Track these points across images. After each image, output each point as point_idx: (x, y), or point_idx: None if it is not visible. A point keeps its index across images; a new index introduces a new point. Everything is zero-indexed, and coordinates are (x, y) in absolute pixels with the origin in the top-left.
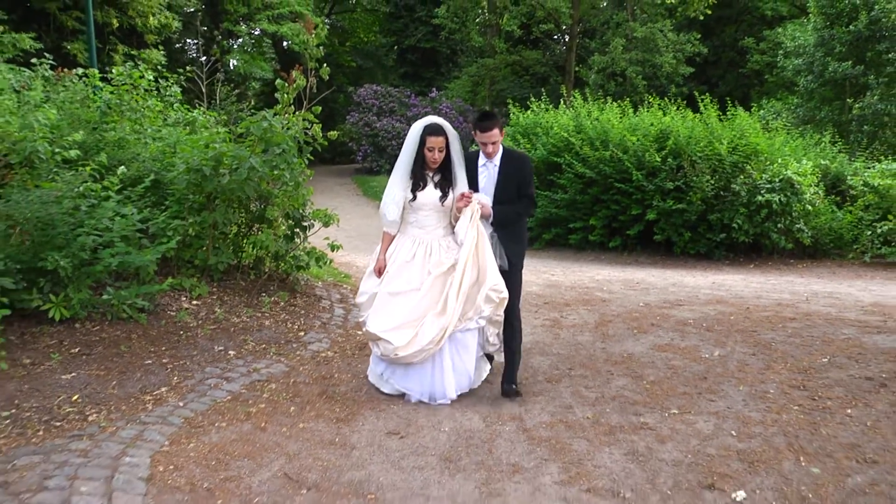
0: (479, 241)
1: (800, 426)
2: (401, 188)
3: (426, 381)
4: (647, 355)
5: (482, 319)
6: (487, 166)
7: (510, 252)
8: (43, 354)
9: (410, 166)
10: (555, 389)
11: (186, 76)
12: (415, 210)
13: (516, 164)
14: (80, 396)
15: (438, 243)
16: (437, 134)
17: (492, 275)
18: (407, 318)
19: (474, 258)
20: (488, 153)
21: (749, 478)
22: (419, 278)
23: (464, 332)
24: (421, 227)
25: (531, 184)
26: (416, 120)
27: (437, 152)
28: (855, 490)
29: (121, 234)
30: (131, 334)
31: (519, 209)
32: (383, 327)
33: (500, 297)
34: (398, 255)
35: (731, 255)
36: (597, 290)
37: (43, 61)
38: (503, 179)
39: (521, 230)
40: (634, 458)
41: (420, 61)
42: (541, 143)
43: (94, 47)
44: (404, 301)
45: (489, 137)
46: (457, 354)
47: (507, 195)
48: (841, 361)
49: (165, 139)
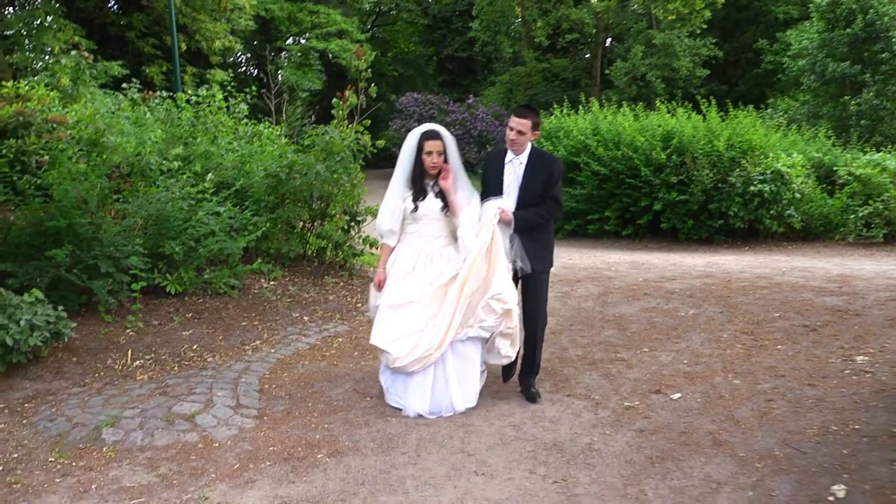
0: (491, 246)
1: (736, 356)
2: (398, 197)
3: (425, 394)
4: (634, 315)
5: (483, 329)
6: (514, 163)
7: (532, 257)
8: (166, 318)
9: (409, 175)
10: (556, 338)
11: (253, 95)
12: (415, 220)
13: (544, 165)
14: (198, 346)
15: (439, 253)
16: (435, 138)
17: (497, 283)
18: (407, 330)
19: (483, 263)
20: (511, 140)
21: (687, 386)
22: (419, 290)
23: (465, 342)
24: (421, 237)
25: (557, 187)
26: (455, 125)
27: (435, 156)
28: (760, 392)
29: (217, 228)
30: (227, 305)
31: (541, 212)
32: (385, 339)
33: (503, 307)
34: (398, 267)
35: (729, 240)
36: (606, 269)
37: (132, 86)
38: (528, 179)
39: (546, 235)
40: (607, 377)
41: (457, 70)
42: (562, 145)
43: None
44: (405, 313)
45: (518, 124)
46: (460, 367)
47: (531, 196)
48: (789, 315)
49: (238, 151)
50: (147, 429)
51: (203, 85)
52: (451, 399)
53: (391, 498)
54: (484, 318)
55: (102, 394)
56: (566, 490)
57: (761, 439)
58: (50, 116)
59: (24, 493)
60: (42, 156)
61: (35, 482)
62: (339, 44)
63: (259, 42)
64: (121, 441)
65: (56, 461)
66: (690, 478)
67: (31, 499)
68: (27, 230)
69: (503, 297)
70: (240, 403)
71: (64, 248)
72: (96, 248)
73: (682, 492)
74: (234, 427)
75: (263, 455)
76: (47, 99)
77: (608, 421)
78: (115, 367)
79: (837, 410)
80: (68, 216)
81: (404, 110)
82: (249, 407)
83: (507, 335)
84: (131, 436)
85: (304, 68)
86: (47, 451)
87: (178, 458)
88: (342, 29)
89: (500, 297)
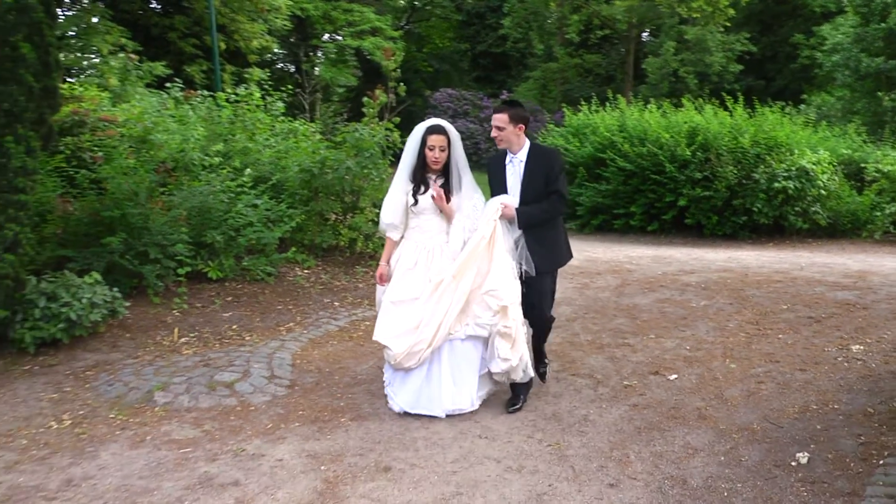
0: (492, 241)
1: (738, 344)
2: (401, 191)
3: (415, 391)
4: (647, 305)
5: (479, 326)
6: (513, 162)
7: (537, 258)
8: (208, 300)
9: (411, 169)
10: (569, 325)
11: (289, 94)
12: (416, 214)
13: (543, 160)
14: (237, 326)
15: (441, 249)
16: (439, 133)
17: (493, 279)
18: (408, 327)
19: (484, 258)
20: (494, 137)
21: (684, 369)
22: (421, 286)
23: (464, 342)
24: (423, 232)
25: (559, 179)
26: (488, 121)
27: (437, 151)
28: (752, 375)
29: (255, 219)
30: (264, 290)
31: (545, 207)
32: (386, 335)
33: (499, 304)
34: (401, 263)
35: (753, 236)
36: (627, 263)
37: (174, 85)
38: (529, 176)
39: (553, 234)
40: (611, 359)
41: (492, 65)
42: (588, 141)
43: (218, 73)
44: (405, 310)
45: (496, 119)
46: (456, 366)
47: (534, 193)
48: (797, 308)
49: (275, 147)
50: (192, 393)
51: (241, 83)
52: (440, 398)
53: (402, 454)
54: (479, 314)
55: (153, 364)
56: (558, 452)
57: (743, 415)
58: (102, 115)
59: (91, 442)
60: (96, 152)
61: (99, 433)
62: (373, 41)
63: (296, 40)
64: (170, 402)
65: (116, 417)
66: (671, 445)
67: (97, 446)
68: (84, 220)
69: (498, 294)
70: (274, 375)
71: (117, 236)
72: (146, 237)
73: (661, 456)
74: (268, 394)
75: (293, 417)
76: (98, 99)
77: (606, 397)
78: (163, 342)
79: (821, 392)
80: (121, 207)
81: (438, 106)
82: (282, 378)
83: (506, 335)
84: (179, 398)
85: (339, 65)
86: (108, 410)
87: (220, 418)
88: (376, 26)
89: (494, 294)
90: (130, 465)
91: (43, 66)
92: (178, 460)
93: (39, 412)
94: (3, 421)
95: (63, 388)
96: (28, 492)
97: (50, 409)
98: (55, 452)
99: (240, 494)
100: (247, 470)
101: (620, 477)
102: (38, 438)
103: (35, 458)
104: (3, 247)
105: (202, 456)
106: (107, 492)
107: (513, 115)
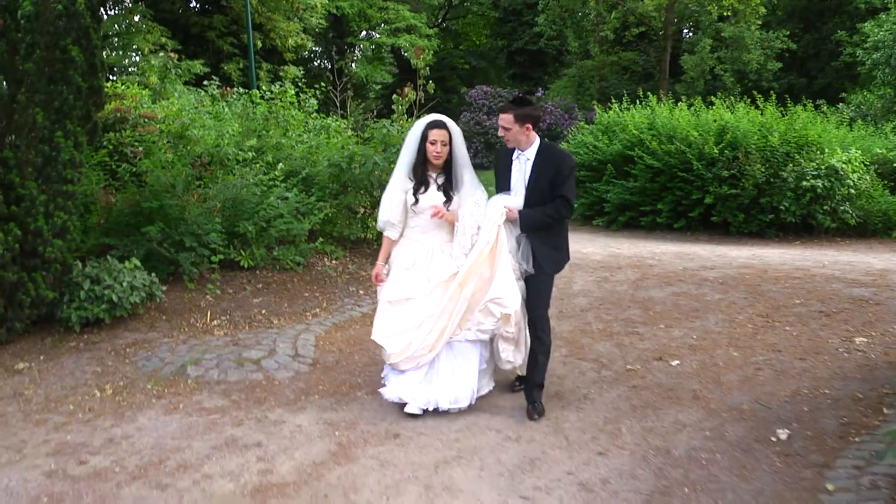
0: (495, 246)
1: (744, 334)
2: (400, 189)
3: (413, 386)
4: (662, 298)
5: (482, 332)
6: (520, 159)
7: (540, 256)
8: (239, 287)
9: (411, 165)
10: (583, 315)
11: (322, 91)
12: (416, 213)
13: (552, 161)
14: (266, 311)
15: (441, 249)
16: (441, 128)
17: (497, 286)
18: (404, 327)
19: (486, 264)
20: (502, 137)
21: (687, 356)
22: (418, 286)
23: (463, 342)
24: (423, 231)
25: (567, 184)
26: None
27: (439, 145)
28: (752, 362)
29: (285, 211)
30: (293, 279)
31: (549, 211)
32: (382, 334)
33: (502, 311)
34: (398, 262)
35: (780, 234)
36: (650, 258)
37: (212, 83)
38: (535, 176)
39: (556, 236)
40: (618, 346)
41: (528, 62)
42: (618, 139)
43: (254, 71)
44: (402, 309)
45: (501, 119)
46: (456, 363)
47: (538, 194)
48: (810, 303)
49: (307, 142)
50: (222, 368)
51: (276, 81)
52: (437, 396)
53: (411, 423)
54: (482, 321)
55: (187, 343)
56: (556, 424)
57: (736, 397)
58: (142, 112)
59: (129, 408)
60: (137, 147)
61: (137, 402)
62: (408, 39)
63: (332, 37)
64: (201, 376)
65: (152, 388)
66: (662, 421)
67: (135, 412)
68: (126, 211)
69: (503, 301)
70: (298, 353)
71: (156, 225)
72: (182, 226)
73: (651, 430)
74: (291, 371)
75: (314, 391)
76: (139, 96)
77: (608, 379)
78: (196, 324)
79: (816, 379)
80: (159, 199)
81: (473, 103)
82: (305, 356)
83: (509, 339)
84: (209, 373)
85: (375, 62)
86: (145, 382)
87: (246, 390)
88: (411, 24)
89: (499, 301)
90: (165, 427)
91: (89, 67)
92: (207, 425)
93: (84, 383)
94: (52, 389)
95: (105, 363)
96: (75, 447)
97: (93, 380)
98: (98, 416)
99: (261, 453)
100: (268, 433)
101: (610, 447)
102: (84, 405)
103: (81, 421)
104: (53, 233)
105: (229, 421)
106: (143, 448)
107: (518, 115)
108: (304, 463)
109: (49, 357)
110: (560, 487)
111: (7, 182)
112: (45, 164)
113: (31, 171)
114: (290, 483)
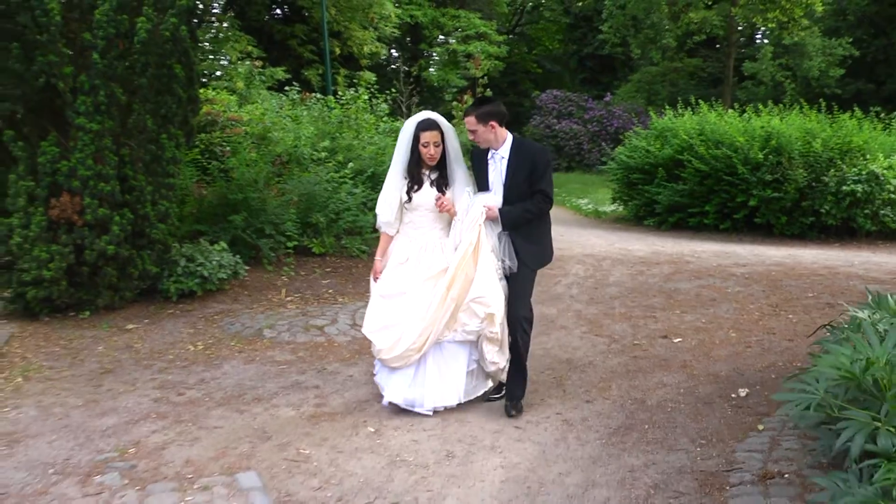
0: (477, 246)
1: (749, 320)
2: (395, 188)
3: (404, 386)
4: (687, 289)
5: (468, 333)
6: (495, 158)
7: (522, 252)
8: (310, 270)
9: (405, 165)
10: (611, 301)
11: (392, 96)
12: (410, 210)
13: (526, 156)
14: (332, 290)
15: (434, 244)
16: (431, 128)
17: (478, 286)
18: (393, 321)
19: (470, 264)
20: (472, 139)
21: (690, 335)
22: (411, 281)
23: (451, 343)
24: (417, 227)
25: (545, 178)
26: (592, 122)
27: (432, 147)
28: (745, 342)
29: (353, 205)
30: (357, 265)
31: (528, 207)
32: (372, 328)
33: (485, 311)
34: (392, 257)
35: (822, 236)
36: (688, 256)
37: (292, 88)
38: (511, 173)
39: (538, 232)
40: (633, 327)
41: (598, 67)
42: (669, 144)
43: (330, 77)
44: (393, 304)
45: (466, 123)
46: (444, 363)
47: (517, 191)
48: (822, 296)
49: (377, 144)
50: (292, 332)
51: (352, 87)
52: (423, 396)
53: None
54: (466, 321)
55: (264, 313)
56: (558, 382)
57: (718, 367)
58: (230, 116)
59: (216, 359)
60: (225, 147)
61: (222, 355)
62: (479, 45)
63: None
64: (275, 337)
65: (234, 345)
66: (648, 381)
67: (221, 361)
68: (215, 202)
69: (485, 301)
70: (356, 323)
71: (240, 215)
72: (262, 216)
73: (635, 387)
74: (349, 336)
75: (366, 352)
76: (227, 101)
77: (615, 351)
78: (272, 299)
79: (794, 355)
80: (244, 192)
81: (543, 107)
82: (362, 326)
83: (493, 339)
84: (281, 335)
85: (449, 67)
86: (229, 340)
87: (311, 349)
88: (481, 31)
89: (481, 301)
90: (244, 373)
91: (188, 80)
92: (277, 372)
93: (181, 340)
94: (155, 344)
95: (197, 326)
96: (175, 384)
97: (188, 338)
98: (192, 364)
99: (318, 393)
100: (325, 380)
101: (597, 397)
102: (181, 355)
103: (178, 367)
104: (157, 218)
105: (294, 371)
106: (227, 386)
107: (480, 115)
108: (351, 401)
109: (152, 321)
110: (547, 421)
111: (123, 175)
112: (153, 161)
113: (141, 166)
114: (338, 413)
